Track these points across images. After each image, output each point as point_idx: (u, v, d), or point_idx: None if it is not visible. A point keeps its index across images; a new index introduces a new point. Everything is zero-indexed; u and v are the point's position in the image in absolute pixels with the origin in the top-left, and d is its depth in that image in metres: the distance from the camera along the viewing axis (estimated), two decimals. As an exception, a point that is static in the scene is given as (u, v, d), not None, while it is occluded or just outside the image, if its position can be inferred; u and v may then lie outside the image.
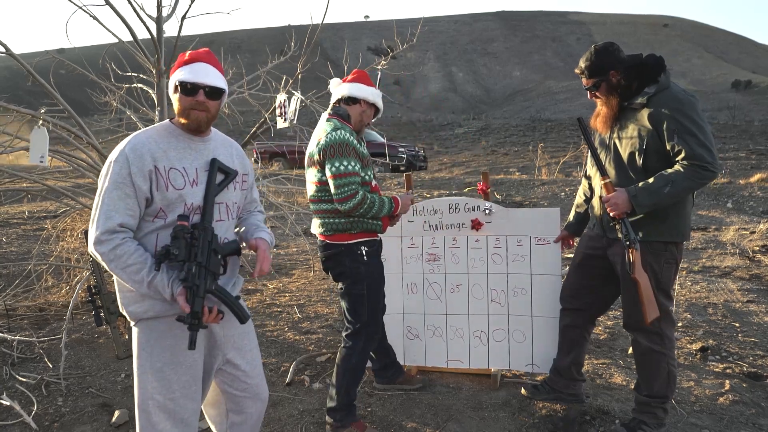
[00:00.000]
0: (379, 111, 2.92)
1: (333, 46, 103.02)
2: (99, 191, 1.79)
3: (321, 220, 2.71)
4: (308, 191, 2.75)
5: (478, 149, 26.18)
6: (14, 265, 5.37)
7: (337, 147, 2.53)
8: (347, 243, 2.65)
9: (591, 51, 2.58)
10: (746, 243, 7.30)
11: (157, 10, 4.06)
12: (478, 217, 3.29)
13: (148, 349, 1.85)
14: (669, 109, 2.40)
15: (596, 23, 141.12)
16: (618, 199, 2.45)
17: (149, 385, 1.84)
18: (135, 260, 1.74)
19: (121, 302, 1.88)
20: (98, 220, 1.75)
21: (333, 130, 2.58)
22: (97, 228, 1.74)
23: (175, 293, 1.76)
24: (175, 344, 1.86)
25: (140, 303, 1.83)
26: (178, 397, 1.86)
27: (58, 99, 3.83)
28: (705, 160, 2.34)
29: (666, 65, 2.52)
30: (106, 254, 1.74)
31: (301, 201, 9.67)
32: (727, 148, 22.12)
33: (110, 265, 1.75)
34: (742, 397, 3.13)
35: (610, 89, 2.55)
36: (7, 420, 2.87)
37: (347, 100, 2.78)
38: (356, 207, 2.54)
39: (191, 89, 1.85)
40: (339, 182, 2.51)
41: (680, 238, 2.56)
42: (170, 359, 1.85)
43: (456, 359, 3.38)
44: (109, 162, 1.79)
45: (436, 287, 3.38)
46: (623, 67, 2.51)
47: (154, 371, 1.84)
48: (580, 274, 2.87)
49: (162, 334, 1.85)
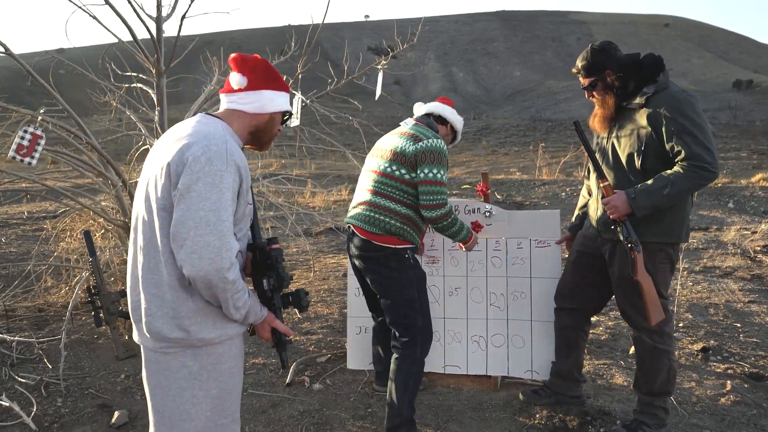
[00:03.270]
0: (455, 141, 2.98)
1: (333, 46, 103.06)
2: (210, 201, 1.51)
3: (373, 216, 2.59)
4: (369, 180, 2.69)
5: (479, 149, 26.19)
6: (13, 266, 5.37)
7: (437, 154, 2.54)
8: (395, 247, 2.58)
9: (588, 50, 2.57)
10: (747, 243, 7.28)
11: (156, 10, 4.05)
12: (478, 219, 3.28)
13: (203, 376, 1.65)
14: (668, 110, 2.38)
15: (597, 23, 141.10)
16: (617, 202, 2.43)
17: (203, 415, 1.67)
18: (242, 285, 1.61)
19: (185, 328, 1.61)
20: (225, 238, 1.52)
21: (434, 137, 2.60)
22: (226, 250, 1.52)
23: (263, 316, 1.71)
24: (234, 366, 1.72)
25: (216, 328, 1.64)
26: (228, 423, 1.73)
27: (57, 99, 3.82)
28: (705, 161, 2.32)
29: (665, 65, 2.50)
30: (233, 282, 1.55)
31: (301, 201, 9.66)
32: (728, 147, 22.11)
33: (224, 294, 1.56)
34: (744, 398, 3.12)
35: (606, 89, 2.54)
36: (6, 421, 2.86)
37: (438, 118, 2.82)
38: (442, 217, 2.53)
39: (285, 120, 1.84)
40: (432, 189, 2.51)
41: (676, 239, 2.54)
42: (227, 383, 1.70)
43: (454, 365, 3.34)
44: (217, 170, 1.54)
45: (435, 290, 3.35)
46: (619, 67, 2.50)
47: (209, 399, 1.67)
48: (575, 272, 2.86)
49: (220, 358, 1.67)
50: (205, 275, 1.50)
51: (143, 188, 1.67)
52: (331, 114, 4.67)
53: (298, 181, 5.83)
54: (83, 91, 4.98)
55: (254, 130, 1.80)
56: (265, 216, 5.84)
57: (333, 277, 5.78)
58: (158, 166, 1.60)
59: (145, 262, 1.62)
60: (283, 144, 5.55)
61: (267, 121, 1.80)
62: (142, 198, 1.66)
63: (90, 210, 4.43)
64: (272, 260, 1.72)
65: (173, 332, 1.60)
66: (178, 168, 1.54)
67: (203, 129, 1.62)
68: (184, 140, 1.58)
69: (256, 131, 1.81)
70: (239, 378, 1.76)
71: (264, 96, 1.76)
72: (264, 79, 1.76)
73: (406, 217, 2.58)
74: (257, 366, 3.54)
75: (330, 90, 4.38)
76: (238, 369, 1.74)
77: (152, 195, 1.60)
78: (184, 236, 1.50)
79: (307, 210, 6.36)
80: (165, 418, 1.67)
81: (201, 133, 1.60)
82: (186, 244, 1.50)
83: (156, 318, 1.61)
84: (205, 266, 1.50)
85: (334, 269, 6.12)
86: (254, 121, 1.78)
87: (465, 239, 2.72)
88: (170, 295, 1.59)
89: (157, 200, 1.58)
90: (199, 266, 1.50)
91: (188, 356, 1.63)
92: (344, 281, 5.50)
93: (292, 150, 5.81)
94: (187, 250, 1.50)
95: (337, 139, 5.13)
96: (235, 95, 1.76)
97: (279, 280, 1.73)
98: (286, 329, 1.77)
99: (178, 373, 1.64)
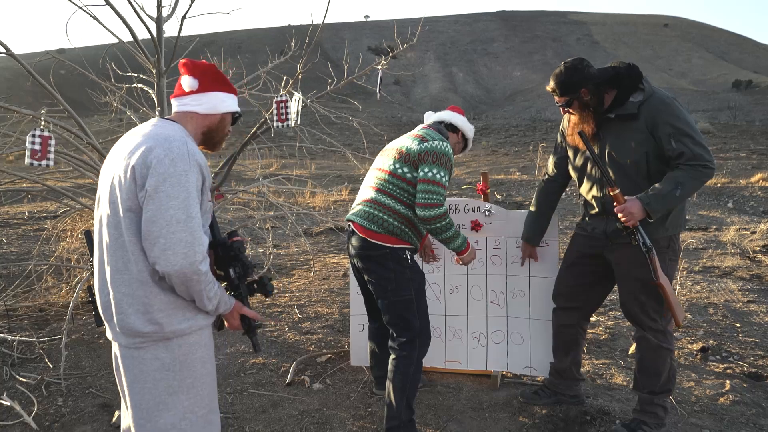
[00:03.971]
0: (465, 149, 2.99)
1: (333, 46, 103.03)
2: (178, 200, 1.59)
3: (374, 213, 2.60)
4: (374, 178, 2.70)
5: (479, 149, 26.17)
6: (14, 266, 5.37)
7: (440, 156, 2.55)
8: (393, 246, 2.59)
9: (561, 68, 2.57)
10: (747, 243, 7.29)
11: (157, 10, 4.06)
12: (477, 218, 3.29)
13: (176, 367, 1.71)
14: (662, 114, 2.44)
15: (596, 23, 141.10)
16: (633, 209, 2.42)
17: (180, 405, 1.72)
18: (212, 277, 1.69)
19: (157, 321, 1.66)
20: (196, 233, 1.60)
21: (441, 140, 2.62)
22: (198, 244, 1.60)
23: (232, 304, 1.79)
24: (205, 354, 1.78)
25: (186, 319, 1.70)
26: (206, 413, 1.79)
27: (58, 99, 3.83)
28: (705, 159, 2.40)
29: (641, 71, 2.54)
30: (205, 273, 1.63)
31: (301, 201, 9.67)
32: (727, 148, 22.09)
33: (198, 285, 1.63)
34: (743, 398, 3.13)
35: (583, 107, 2.56)
36: (7, 420, 2.87)
37: (449, 126, 2.84)
38: (436, 218, 2.51)
39: (235, 120, 1.90)
40: (429, 188, 2.51)
41: (679, 228, 2.62)
42: (200, 372, 1.76)
43: (454, 360, 3.38)
44: (182, 171, 1.61)
45: (435, 288, 3.37)
46: (593, 84, 2.51)
47: (185, 388, 1.72)
48: (575, 273, 2.87)
49: (191, 348, 1.73)
50: (180, 269, 1.58)
51: (106, 190, 1.72)
52: (331, 114, 4.67)
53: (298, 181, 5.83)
54: (84, 92, 4.99)
55: (206, 130, 1.87)
56: (265, 216, 5.85)
57: (333, 277, 5.79)
58: (121, 168, 1.67)
59: (113, 262, 1.68)
60: (284, 144, 5.55)
61: (219, 121, 1.88)
62: (106, 200, 1.72)
63: (91, 210, 4.44)
64: (235, 251, 1.80)
65: (146, 327, 1.66)
66: (143, 170, 1.61)
67: (162, 132, 1.70)
68: (145, 144, 1.65)
69: (208, 131, 1.88)
70: (212, 367, 1.82)
71: (215, 97, 1.84)
72: (213, 81, 1.84)
73: (404, 218, 2.59)
74: (257, 366, 3.55)
75: (330, 90, 4.38)
76: (210, 358, 1.81)
77: (117, 197, 1.66)
78: (156, 234, 1.57)
79: (307, 210, 6.36)
80: (143, 411, 1.72)
81: (161, 136, 1.67)
82: (159, 242, 1.57)
83: (128, 315, 1.67)
84: (179, 261, 1.57)
85: (334, 269, 6.13)
86: (206, 121, 1.85)
87: (460, 248, 2.67)
88: (141, 291, 1.65)
89: (123, 201, 1.64)
90: (174, 261, 1.57)
91: (160, 349, 1.69)
92: (344, 281, 5.50)
93: (292, 150, 5.81)
94: (160, 247, 1.57)
95: (337, 139, 5.14)
96: (187, 98, 1.83)
97: (244, 268, 1.83)
98: (254, 314, 1.86)
99: (152, 366, 1.70)
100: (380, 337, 2.95)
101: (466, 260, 2.75)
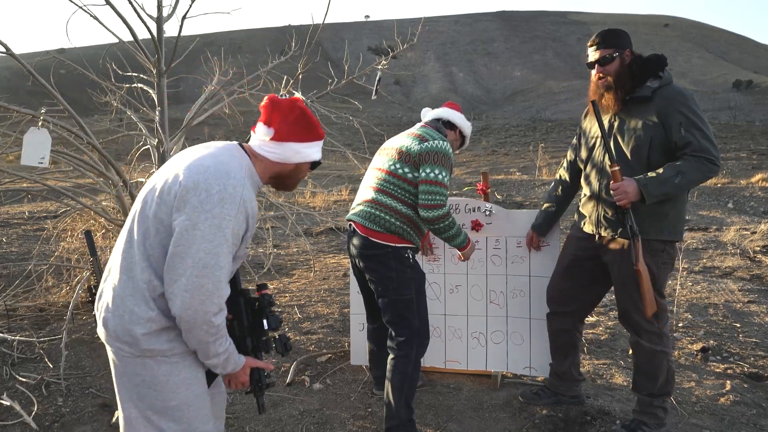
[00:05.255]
0: (463, 146, 2.99)
1: (333, 46, 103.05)
2: (212, 244, 1.50)
3: (375, 213, 2.60)
4: (374, 178, 2.71)
5: (479, 149, 26.18)
6: (14, 266, 5.37)
7: (441, 156, 2.56)
8: (395, 246, 2.59)
9: (607, 29, 2.58)
10: (747, 243, 7.29)
11: (157, 10, 4.05)
12: (478, 218, 3.29)
13: (157, 387, 1.60)
14: (675, 103, 2.43)
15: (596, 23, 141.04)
16: (628, 188, 2.40)
17: (166, 426, 1.62)
18: (225, 332, 1.60)
19: (134, 335, 1.57)
20: (220, 284, 1.52)
21: (441, 139, 2.62)
22: (218, 296, 1.52)
23: (242, 363, 1.69)
24: (189, 377, 1.65)
25: (168, 340, 1.60)
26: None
27: (58, 99, 3.82)
28: (711, 154, 2.40)
29: (667, 63, 2.54)
30: (217, 327, 1.54)
31: (301, 201, 9.67)
32: (728, 148, 22.10)
33: (206, 337, 1.54)
34: (743, 398, 3.13)
35: (621, 68, 2.52)
36: (7, 420, 2.86)
37: (447, 124, 2.84)
38: (439, 218, 2.52)
39: (314, 167, 1.81)
40: (432, 188, 2.51)
41: (678, 237, 2.58)
42: (185, 395, 1.64)
43: (454, 360, 3.38)
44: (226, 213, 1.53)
45: (435, 287, 3.37)
46: (636, 55, 2.53)
47: (169, 410, 1.62)
48: (569, 276, 2.86)
49: (173, 368, 1.61)
50: (192, 314, 1.50)
51: (150, 186, 1.65)
52: (331, 114, 4.67)
53: (298, 181, 5.84)
54: (84, 91, 4.99)
55: (276, 175, 1.77)
56: (265, 216, 5.85)
57: (333, 276, 5.79)
58: (171, 175, 1.59)
59: (123, 259, 1.62)
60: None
61: (292, 169, 1.77)
62: (143, 195, 1.65)
63: (91, 210, 4.44)
64: (264, 303, 1.74)
65: (124, 335, 1.58)
66: (189, 194, 1.53)
67: (227, 162, 1.60)
68: (206, 169, 1.56)
69: (278, 177, 1.78)
70: (200, 389, 1.68)
71: (290, 148, 1.72)
72: (291, 132, 1.71)
73: (406, 217, 2.59)
74: (257, 365, 3.54)
75: (330, 90, 4.39)
76: (197, 380, 1.67)
77: (154, 199, 1.59)
78: (180, 273, 1.50)
79: (307, 210, 6.37)
80: (131, 428, 1.65)
81: (223, 169, 1.57)
82: (180, 281, 1.50)
83: (113, 316, 1.60)
84: (195, 306, 1.49)
85: (335, 269, 6.13)
86: (277, 167, 1.75)
87: (462, 245, 2.71)
88: (132, 299, 1.57)
89: (156, 206, 1.57)
90: (189, 305, 1.49)
91: (138, 365, 1.60)
92: (344, 281, 5.50)
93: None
94: (180, 286, 1.50)
95: (337, 139, 5.14)
96: (260, 140, 1.73)
97: (277, 322, 1.75)
98: (266, 364, 1.77)
99: (134, 380, 1.62)
100: (379, 338, 2.95)
101: (467, 256, 2.81)
